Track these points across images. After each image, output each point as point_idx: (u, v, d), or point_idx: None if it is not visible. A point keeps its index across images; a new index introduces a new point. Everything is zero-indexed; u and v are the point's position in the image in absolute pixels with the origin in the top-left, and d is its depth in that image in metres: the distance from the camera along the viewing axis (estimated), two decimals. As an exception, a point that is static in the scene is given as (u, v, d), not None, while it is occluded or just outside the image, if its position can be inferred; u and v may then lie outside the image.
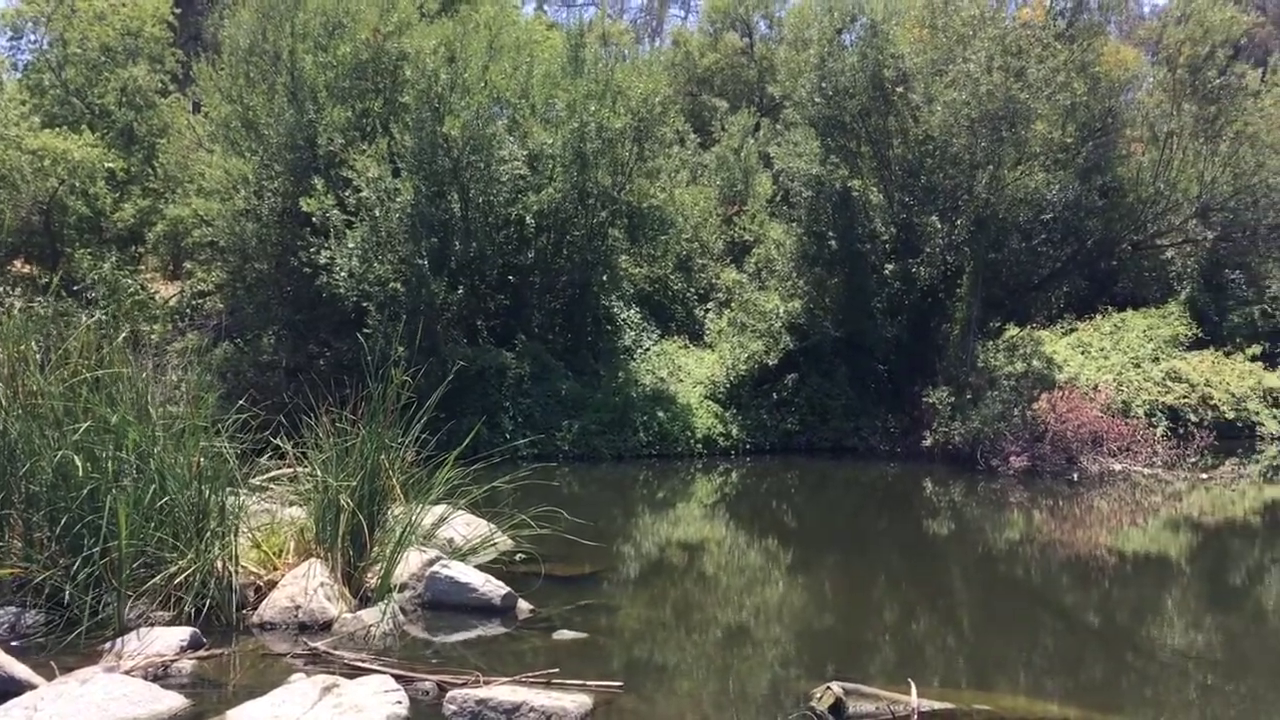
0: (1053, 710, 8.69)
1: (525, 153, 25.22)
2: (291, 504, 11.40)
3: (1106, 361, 30.44)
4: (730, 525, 18.15)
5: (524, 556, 12.04)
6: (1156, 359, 30.91)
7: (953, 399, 24.57)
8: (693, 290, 31.40)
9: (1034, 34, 24.82)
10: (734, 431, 26.14)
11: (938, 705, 8.10)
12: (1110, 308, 33.71)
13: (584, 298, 27.55)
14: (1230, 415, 30.11)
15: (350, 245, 23.30)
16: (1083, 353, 31.15)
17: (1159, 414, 28.51)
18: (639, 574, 13.81)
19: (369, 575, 10.52)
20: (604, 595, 12.03)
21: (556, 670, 8.45)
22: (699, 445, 25.56)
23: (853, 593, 13.11)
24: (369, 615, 9.74)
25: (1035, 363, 26.85)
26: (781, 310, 27.51)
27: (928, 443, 24.74)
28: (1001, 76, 23.90)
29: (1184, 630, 11.66)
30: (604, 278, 27.55)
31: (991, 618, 12.21)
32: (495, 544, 12.45)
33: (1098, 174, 27.60)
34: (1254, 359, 32.24)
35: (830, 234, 27.37)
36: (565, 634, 10.03)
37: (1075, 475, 22.61)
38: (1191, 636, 11.43)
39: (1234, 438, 29.49)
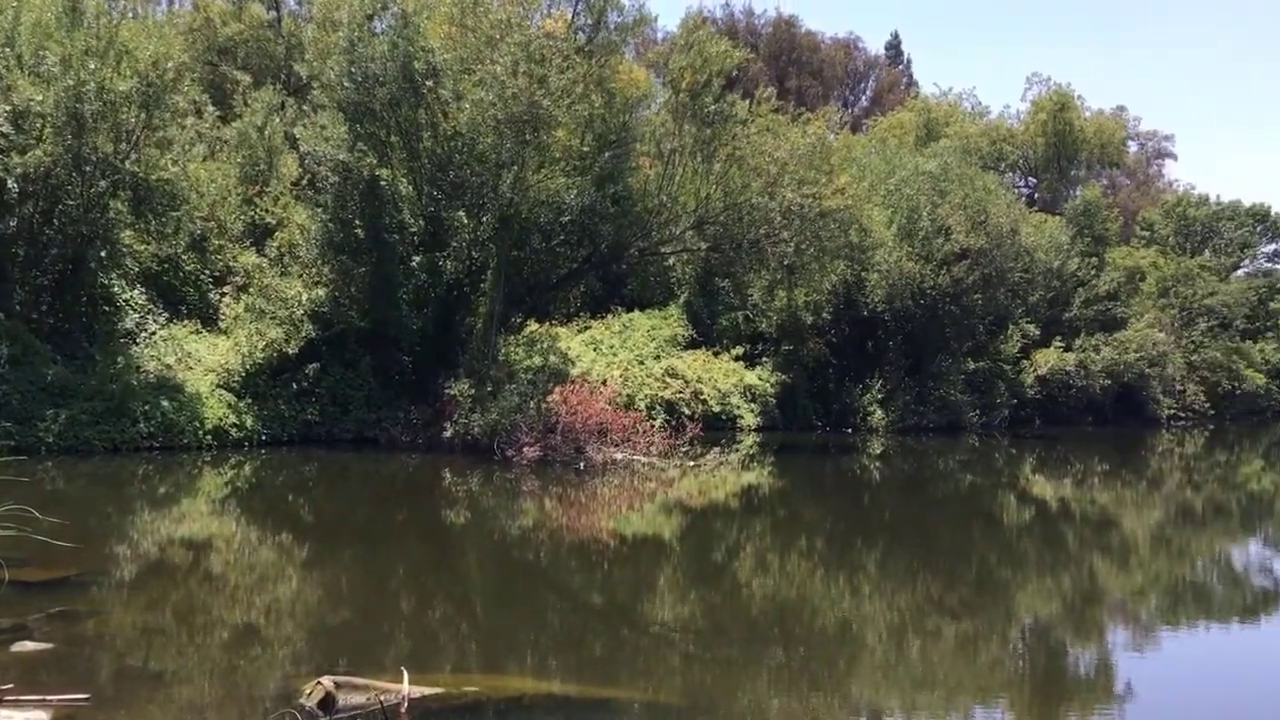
0: (556, 688, 9.19)
1: (8, 108, 22.27)
2: None
3: (615, 358, 32.77)
4: (242, 521, 17.25)
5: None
6: (658, 357, 33.80)
7: (474, 391, 25.16)
8: (207, 272, 29.41)
9: (556, 45, 26.06)
10: (249, 422, 24.89)
11: (429, 691, 8.27)
12: (620, 308, 36.34)
13: (78, 274, 24.87)
14: (717, 409, 33.66)
15: None
16: (595, 349, 33.31)
17: (658, 407, 31.17)
18: (133, 576, 12.72)
19: None
20: (86, 601, 10.99)
21: (11, 686, 7.64)
22: (209, 437, 24.03)
23: (370, 585, 12.99)
24: None
25: (552, 358, 28.24)
26: (305, 297, 26.62)
27: (449, 434, 25.13)
28: (526, 82, 24.83)
29: (674, 604, 12.83)
30: (102, 253, 25.04)
31: (504, 602, 12.66)
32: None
33: (611, 183, 29.56)
34: (737, 359, 36.25)
35: (358, 222, 26.92)
36: (27, 645, 9.08)
37: (582, 464, 24.08)
38: (679, 610, 12.61)
39: (719, 429, 32.98)
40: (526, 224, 27.53)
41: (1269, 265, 66.67)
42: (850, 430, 37.21)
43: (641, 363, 33.01)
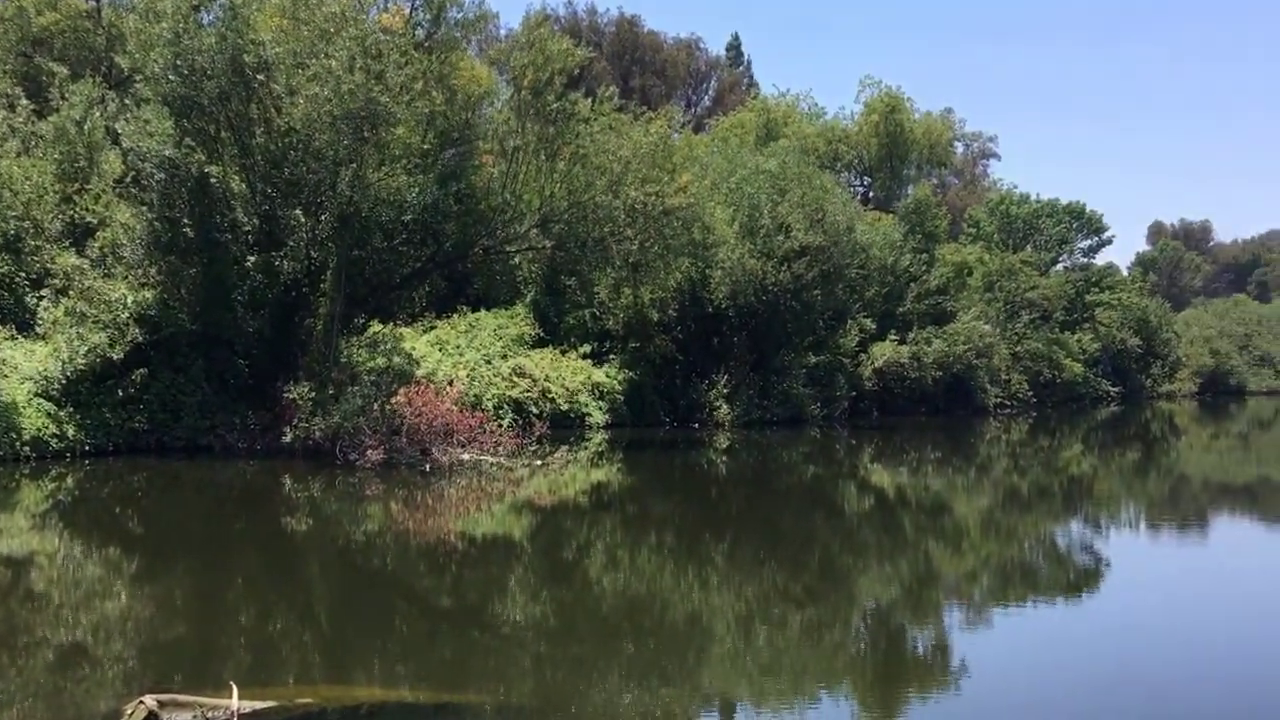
0: (405, 695, 9.00)
1: None
2: None
3: (462, 358, 32.38)
4: (66, 535, 16.31)
5: None
6: (505, 356, 33.55)
7: (314, 394, 24.45)
8: (23, 275, 27.68)
9: (394, 40, 25.55)
10: (70, 432, 23.54)
11: (260, 705, 7.99)
12: (466, 307, 35.91)
13: None
14: (565, 407, 33.64)
15: None
16: (441, 349, 32.83)
17: (506, 406, 30.95)
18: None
19: None
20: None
21: None
22: (26, 448, 22.62)
23: (206, 599, 12.47)
24: None
25: (396, 359, 27.67)
26: (130, 300, 25.31)
27: (288, 439, 24.36)
28: (363, 77, 24.25)
29: (525, 604, 12.74)
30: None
31: (349, 610, 12.34)
32: None
33: (455, 181, 29.15)
34: (585, 357, 36.32)
35: (186, 221, 25.78)
36: None
37: (428, 466, 23.69)
38: (531, 610, 12.53)
39: (567, 427, 32.97)
40: (367, 223, 26.87)
41: (1085, 260, 70.75)
42: (697, 425, 37.74)
43: (488, 362, 32.72)
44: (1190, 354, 77.91)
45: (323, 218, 25.75)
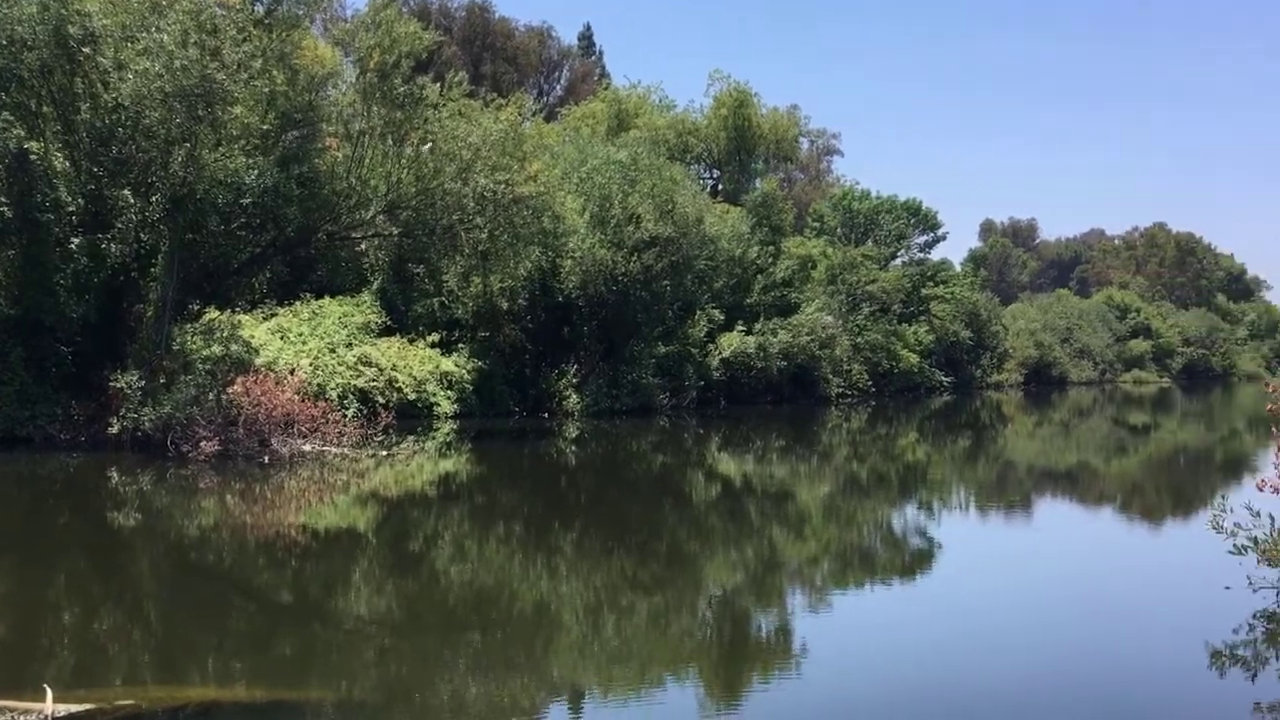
0: (240, 694, 8.68)
1: None
2: None
3: (305, 346, 31.39)
4: None
5: None
6: (350, 344, 32.68)
7: (144, 383, 23.31)
8: None
9: (231, 16, 24.54)
10: (-128, 425, 21.89)
11: (76, 708, 7.59)
12: (310, 295, 34.82)
13: None
14: (413, 397, 33.02)
15: None
16: (282, 337, 31.74)
17: (351, 396, 30.18)
18: None
19: None
20: None
21: None
22: None
23: (26, 599, 11.76)
24: None
25: (234, 347, 26.57)
26: (-61, 283, 23.70)
27: (115, 430, 23.18)
28: (197, 53, 23.22)
29: (369, 598, 12.46)
30: None
31: (182, 608, 11.83)
32: None
33: (297, 164, 28.17)
34: (433, 346, 35.72)
35: (3, 199, 24.19)
36: None
37: (267, 458, 22.92)
38: (375, 603, 12.26)
39: (415, 417, 32.39)
40: (202, 205, 25.74)
41: (921, 255, 73.53)
42: (547, 415, 37.63)
43: (333, 351, 31.83)
44: (1017, 346, 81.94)
45: (154, 199, 24.58)
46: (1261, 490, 12.05)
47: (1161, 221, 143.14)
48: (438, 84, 29.95)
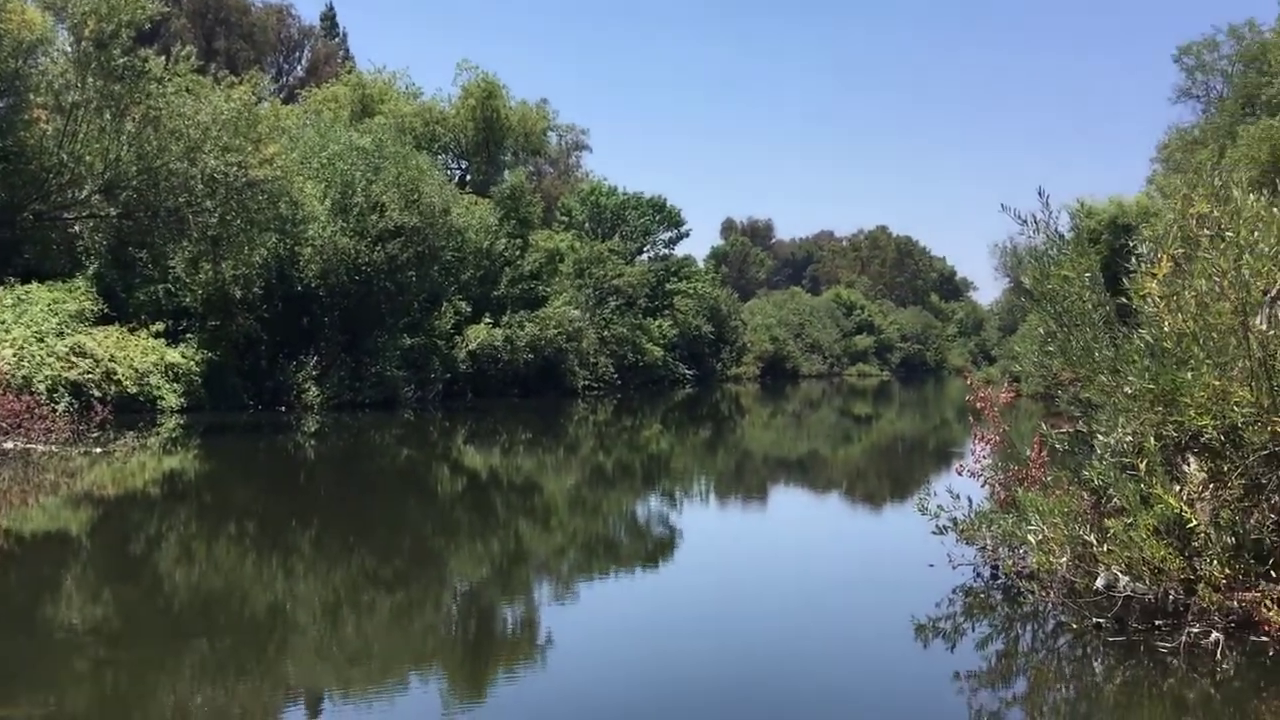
0: (-73, 718, 7.81)
1: None
2: None
3: (8, 335, 28.67)
4: None
5: None
6: (62, 334, 30.10)
7: None
8: None
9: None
10: None
11: None
12: (14, 279, 31.80)
13: None
14: (134, 390, 30.79)
15: None
16: (-18, 326, 28.88)
17: (62, 389, 27.83)
18: None
19: None
20: None
21: None
22: None
23: None
24: None
25: (-77, 335, 24.04)
26: None
27: None
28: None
29: (83, 606, 11.51)
30: None
31: None
32: None
33: (0, 136, 25.78)
34: (158, 335, 33.44)
35: None
36: None
37: (-32, 458, 20.82)
38: (90, 611, 11.34)
39: (136, 411, 30.26)
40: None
41: (666, 251, 75.57)
42: (284, 409, 36.08)
43: (41, 340, 29.20)
44: (754, 340, 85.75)
45: None
46: (961, 475, 13.17)
47: (884, 225, 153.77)
48: (163, 57, 28.10)
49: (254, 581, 13.05)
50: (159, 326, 33.66)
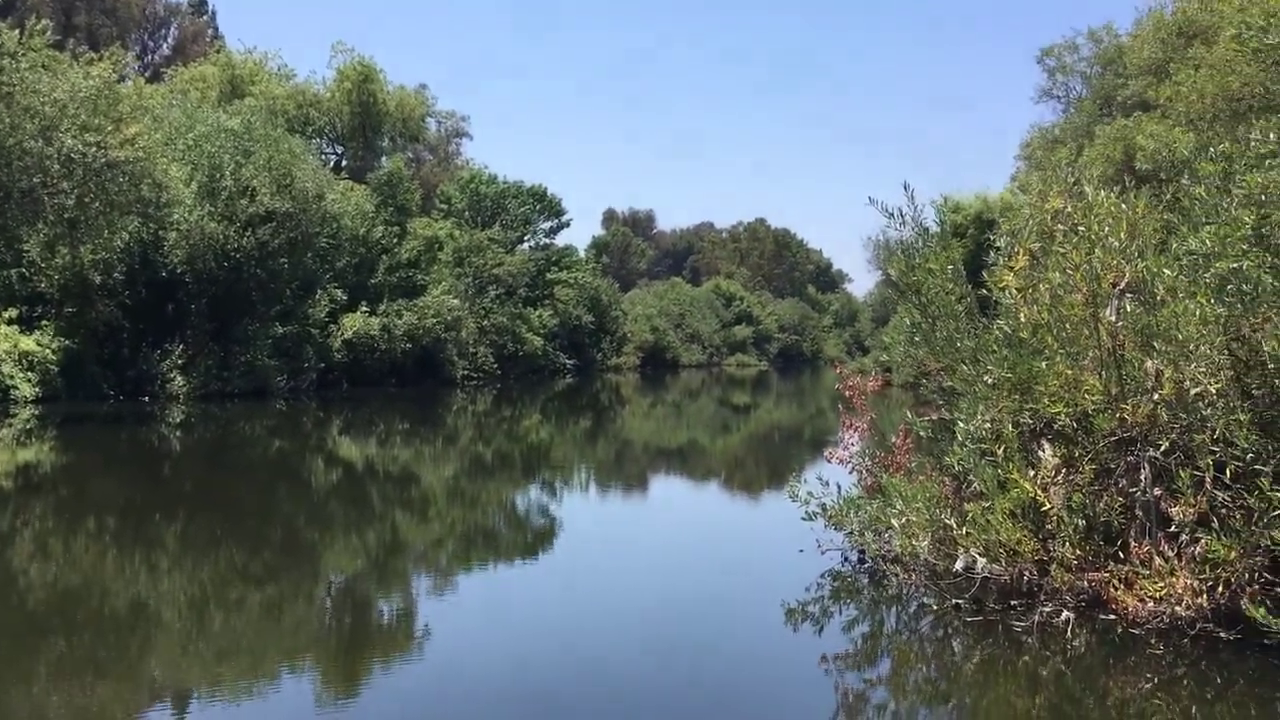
0: None
1: None
2: None
3: None
4: None
5: None
6: (-95, 320, 28.54)
7: None
8: None
9: None
10: None
11: None
12: None
13: None
14: (-15, 380, 29.40)
15: None
16: None
17: (-94, 380, 26.39)
18: None
19: None
20: None
21: None
22: None
23: None
24: None
25: None
26: None
27: None
28: None
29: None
30: None
31: None
32: None
33: None
34: (11, 323, 31.97)
35: None
36: None
37: None
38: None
39: (-11, 402, 28.89)
40: None
41: (547, 240, 75.29)
42: (148, 399, 34.84)
43: (-119, 328, 27.69)
44: (635, 330, 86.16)
45: None
46: (831, 462, 13.51)
47: (763, 217, 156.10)
48: (17, 31, 26.77)
49: (115, 577, 12.60)
50: (12, 313, 32.21)
